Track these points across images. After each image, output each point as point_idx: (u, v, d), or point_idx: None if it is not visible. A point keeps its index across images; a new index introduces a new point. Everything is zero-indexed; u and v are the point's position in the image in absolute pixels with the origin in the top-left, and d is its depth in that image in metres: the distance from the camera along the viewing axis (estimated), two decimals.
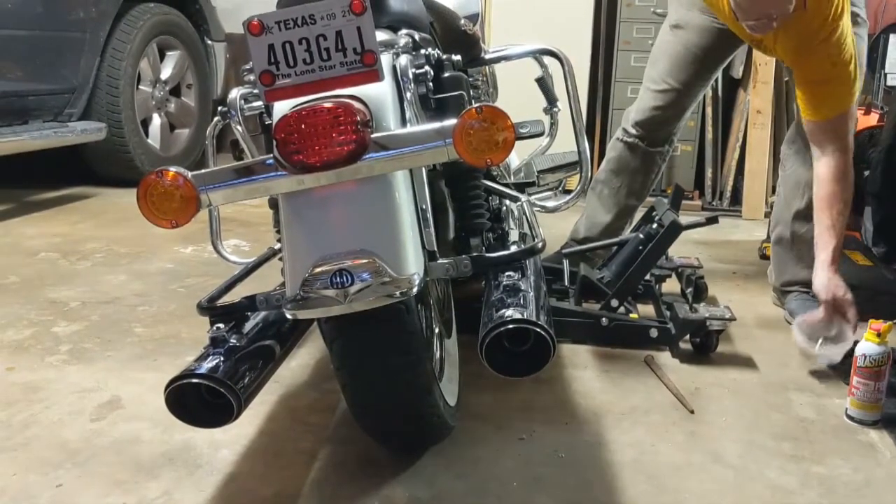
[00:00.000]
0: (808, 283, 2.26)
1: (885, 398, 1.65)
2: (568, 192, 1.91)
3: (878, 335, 1.64)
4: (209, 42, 4.29)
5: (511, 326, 1.12)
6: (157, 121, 3.98)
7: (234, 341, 1.24)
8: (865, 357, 1.64)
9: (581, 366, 1.91)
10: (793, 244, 2.28)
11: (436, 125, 1.14)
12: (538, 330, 1.12)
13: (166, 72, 4.00)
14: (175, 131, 4.13)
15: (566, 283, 2.27)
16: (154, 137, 3.95)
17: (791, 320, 2.23)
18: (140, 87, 3.82)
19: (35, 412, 1.59)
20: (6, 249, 2.78)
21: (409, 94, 1.23)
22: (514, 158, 2.53)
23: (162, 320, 2.12)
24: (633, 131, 2.38)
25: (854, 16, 1.98)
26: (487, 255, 1.33)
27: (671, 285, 2.36)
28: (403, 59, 1.25)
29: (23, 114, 3.32)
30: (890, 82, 3.49)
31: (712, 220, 2.17)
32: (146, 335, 2.02)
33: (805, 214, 2.22)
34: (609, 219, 2.45)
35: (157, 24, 3.83)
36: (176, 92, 4.11)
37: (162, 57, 3.98)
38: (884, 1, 3.81)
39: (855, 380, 1.65)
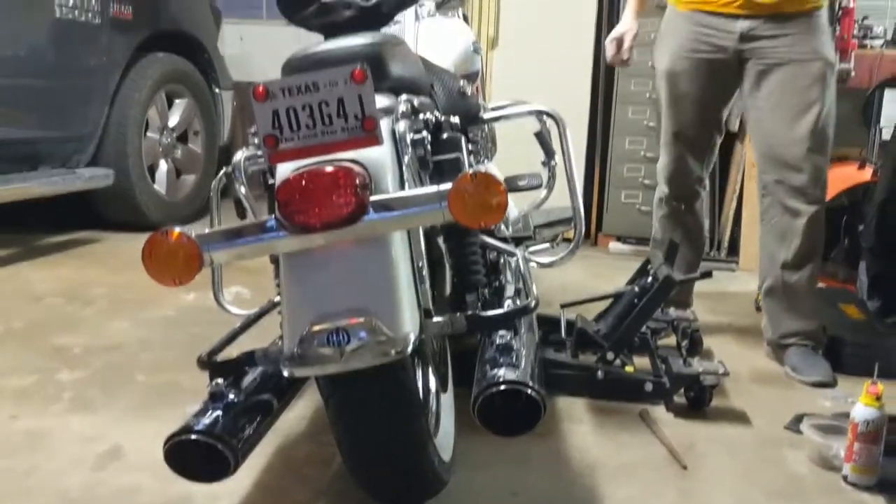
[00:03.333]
0: (806, 334, 2.30)
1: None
2: (567, 240, 1.94)
3: (877, 399, 1.65)
4: (217, 90, 4.37)
5: (503, 387, 1.15)
6: (163, 167, 4.04)
7: (233, 396, 1.27)
8: (867, 423, 1.63)
9: (576, 419, 1.93)
10: (784, 294, 2.31)
11: (432, 189, 1.18)
12: (529, 391, 1.15)
13: (174, 119, 4.08)
14: (181, 177, 4.19)
15: (563, 335, 2.30)
16: (160, 183, 4.01)
17: (794, 376, 2.24)
18: (148, 133, 3.88)
19: (37, 461, 1.61)
20: (13, 294, 2.82)
21: (406, 158, 1.28)
22: (513, 209, 2.58)
23: (163, 369, 2.15)
24: (666, 190, 2.50)
25: None
26: (481, 313, 1.36)
27: (667, 339, 2.38)
28: (402, 125, 1.30)
29: (32, 160, 3.38)
30: (885, 136, 3.54)
31: (706, 275, 2.21)
32: (148, 383, 2.05)
33: (794, 264, 2.27)
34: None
35: (166, 74, 3.92)
36: (183, 138, 4.18)
37: (170, 104, 4.06)
38: (879, 57, 3.89)
39: (856, 446, 1.63)
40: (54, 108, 3.39)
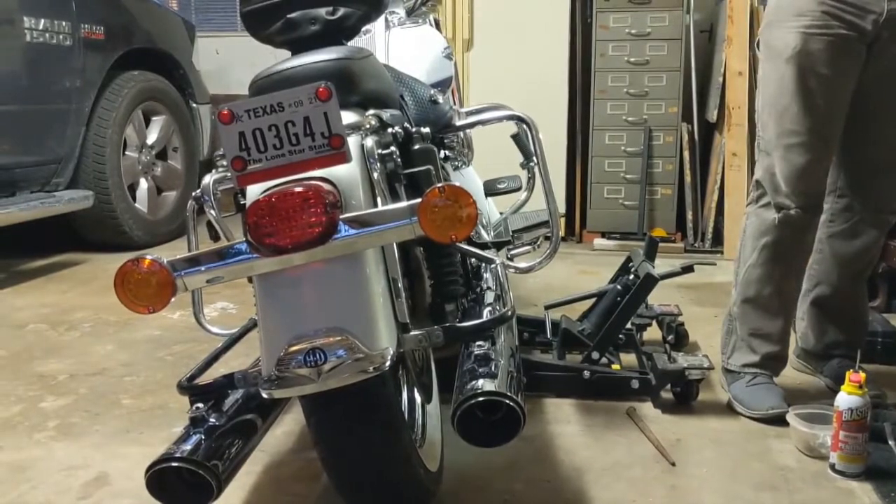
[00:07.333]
0: (854, 344, 2.02)
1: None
2: (549, 240, 1.90)
3: (860, 386, 1.65)
4: (194, 105, 4.36)
5: (482, 399, 1.15)
6: (143, 185, 4.03)
7: (214, 420, 1.27)
8: (851, 411, 1.63)
9: (564, 420, 1.93)
10: (844, 302, 2.13)
11: (402, 204, 1.18)
12: (507, 402, 1.15)
13: (152, 137, 4.06)
14: (162, 194, 4.18)
15: (549, 336, 2.30)
16: (141, 201, 4.00)
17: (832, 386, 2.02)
18: (126, 153, 3.87)
19: (22, 492, 1.60)
20: None
21: (375, 174, 1.28)
22: (494, 212, 2.58)
23: (149, 390, 2.14)
24: (788, 202, 1.92)
25: None
26: (458, 325, 1.37)
27: (654, 332, 2.39)
28: (370, 141, 1.29)
29: (9, 186, 3.36)
30: None
31: (688, 269, 2.21)
32: (133, 406, 2.04)
33: (862, 271, 2.11)
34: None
35: (141, 91, 3.91)
36: (162, 155, 4.17)
37: (147, 122, 4.05)
38: None
39: (842, 434, 1.64)
40: (30, 132, 3.38)
